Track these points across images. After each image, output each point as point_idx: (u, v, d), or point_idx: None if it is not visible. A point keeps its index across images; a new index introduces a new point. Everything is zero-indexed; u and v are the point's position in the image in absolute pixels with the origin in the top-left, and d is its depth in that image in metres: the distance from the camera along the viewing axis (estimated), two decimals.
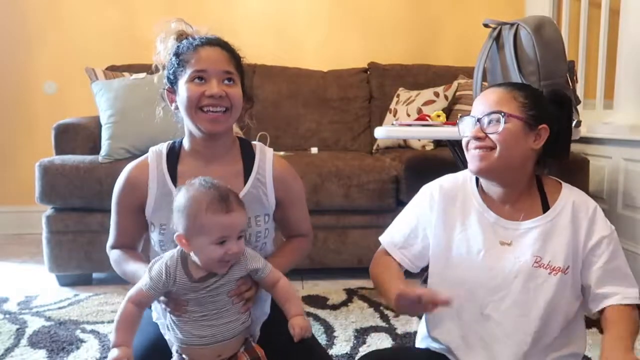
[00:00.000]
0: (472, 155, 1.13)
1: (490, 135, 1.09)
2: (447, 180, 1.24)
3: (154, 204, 1.12)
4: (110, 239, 1.20)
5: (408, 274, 1.21)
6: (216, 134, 1.11)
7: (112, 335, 0.99)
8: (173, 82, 1.13)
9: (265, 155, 1.19)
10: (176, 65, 1.11)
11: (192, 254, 1.00)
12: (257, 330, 1.17)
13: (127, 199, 1.15)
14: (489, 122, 1.10)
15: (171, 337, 1.06)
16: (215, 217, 0.96)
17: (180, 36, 1.16)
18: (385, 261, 1.22)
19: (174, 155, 1.15)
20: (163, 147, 1.17)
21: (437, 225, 1.18)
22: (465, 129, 1.15)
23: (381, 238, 1.26)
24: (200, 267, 1.00)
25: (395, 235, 1.23)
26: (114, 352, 0.95)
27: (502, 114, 1.09)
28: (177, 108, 1.14)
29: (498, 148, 1.09)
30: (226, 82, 1.09)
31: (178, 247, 1.02)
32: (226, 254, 0.97)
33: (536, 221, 1.12)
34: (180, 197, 1.00)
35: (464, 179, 1.22)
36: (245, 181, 1.15)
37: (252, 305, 1.08)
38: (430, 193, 1.22)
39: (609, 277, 1.09)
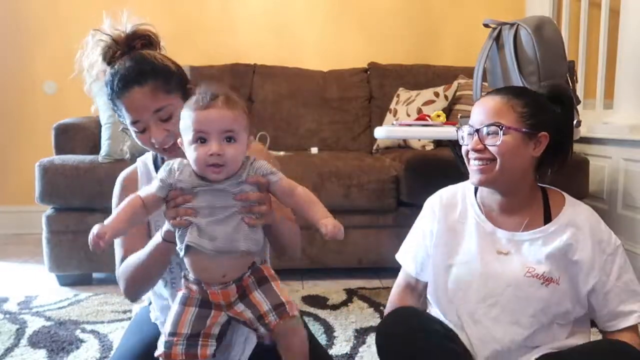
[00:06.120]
0: (472, 168, 1.13)
1: (490, 148, 1.08)
2: (446, 191, 1.27)
3: None
4: (117, 257, 1.15)
5: None
6: None
7: (109, 218, 0.92)
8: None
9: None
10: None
11: None
12: None
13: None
14: (488, 134, 1.09)
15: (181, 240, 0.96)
16: (191, 112, 0.92)
17: (106, 53, 1.16)
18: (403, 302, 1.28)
19: (159, 157, 1.19)
20: (148, 154, 1.22)
21: (439, 234, 1.22)
22: (464, 138, 1.15)
23: (397, 257, 1.32)
24: None
25: (410, 263, 1.29)
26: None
27: (501, 126, 1.07)
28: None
29: (498, 160, 1.08)
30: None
31: None
32: (207, 155, 0.90)
33: (535, 233, 1.13)
34: None
35: (463, 189, 1.25)
36: None
37: (263, 223, 1.00)
38: (432, 207, 1.26)
39: (623, 294, 1.09)
